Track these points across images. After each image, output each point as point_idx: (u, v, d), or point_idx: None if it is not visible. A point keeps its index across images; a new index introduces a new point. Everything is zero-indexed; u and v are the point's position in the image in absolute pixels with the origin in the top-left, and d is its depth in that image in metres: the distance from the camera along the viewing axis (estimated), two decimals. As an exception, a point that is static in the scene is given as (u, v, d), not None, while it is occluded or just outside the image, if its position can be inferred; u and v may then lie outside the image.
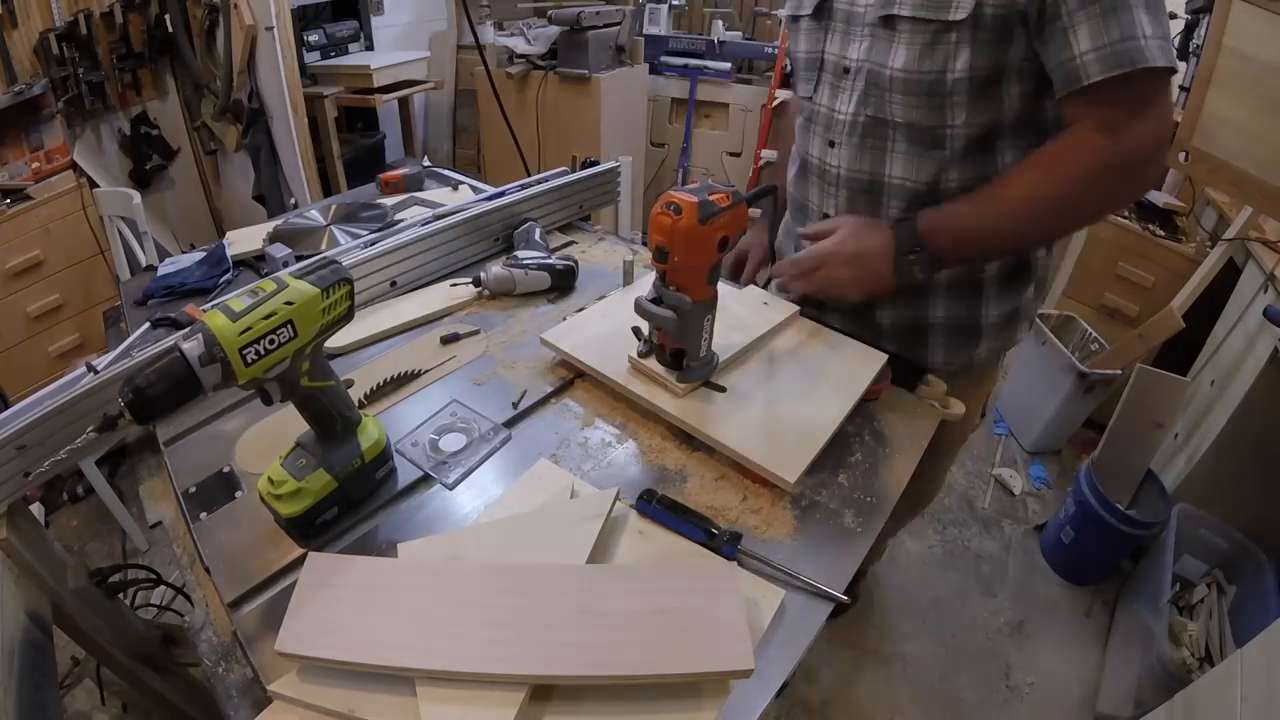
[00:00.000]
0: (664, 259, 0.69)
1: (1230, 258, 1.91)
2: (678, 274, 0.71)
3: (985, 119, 0.82)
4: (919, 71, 0.80)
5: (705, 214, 0.67)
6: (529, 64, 2.99)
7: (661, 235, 0.68)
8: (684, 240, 0.67)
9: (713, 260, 0.71)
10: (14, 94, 2.18)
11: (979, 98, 0.80)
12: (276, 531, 0.67)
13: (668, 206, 0.67)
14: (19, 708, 0.67)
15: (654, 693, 0.52)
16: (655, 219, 0.68)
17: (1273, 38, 1.47)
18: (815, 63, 0.93)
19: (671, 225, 0.67)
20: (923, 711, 1.57)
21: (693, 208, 0.66)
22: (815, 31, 0.92)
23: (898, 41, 0.80)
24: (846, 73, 0.89)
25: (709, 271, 0.72)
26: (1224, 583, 1.61)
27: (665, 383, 0.79)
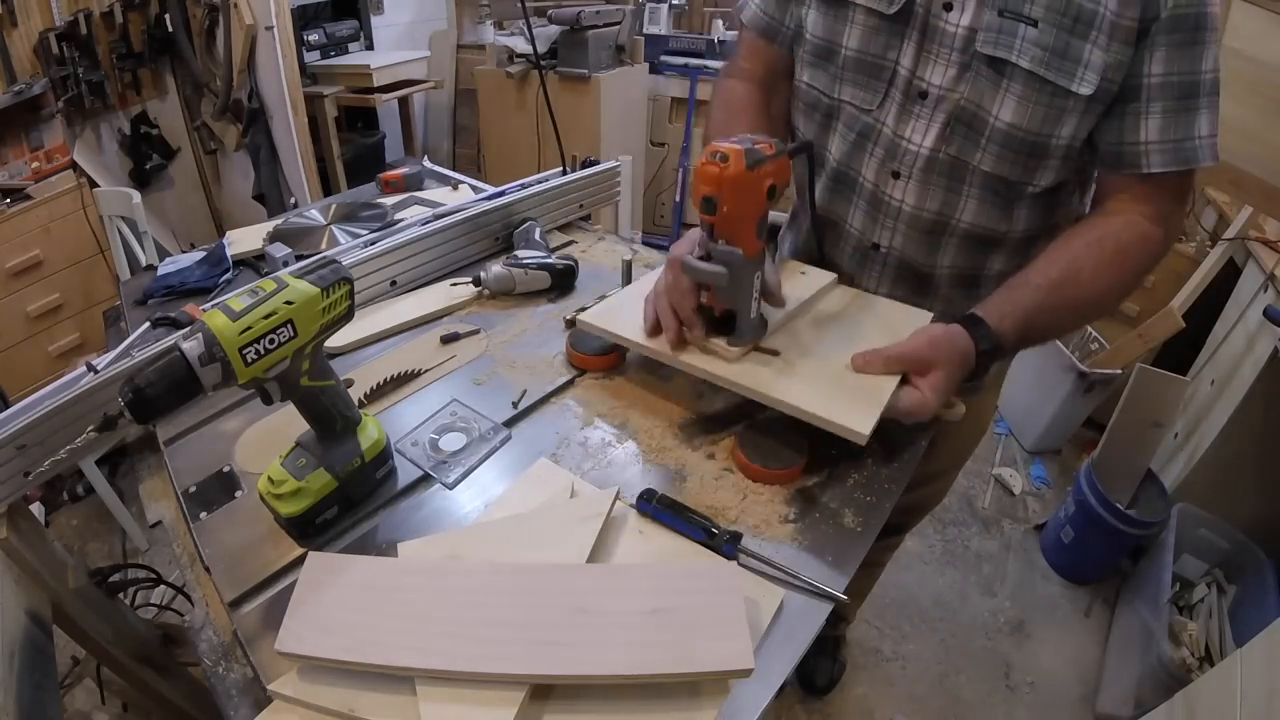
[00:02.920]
0: (712, 210, 0.67)
1: (1230, 257, 1.91)
2: (727, 225, 0.69)
3: (1066, 176, 0.79)
4: (1025, 130, 0.74)
5: (752, 160, 0.65)
6: (529, 63, 2.99)
7: (709, 184, 0.66)
8: (732, 188, 0.65)
9: (762, 210, 0.69)
10: (14, 94, 2.18)
11: (1070, 160, 0.77)
12: (276, 531, 0.67)
13: (713, 156, 0.65)
14: (19, 707, 0.67)
15: (654, 692, 0.52)
16: (701, 169, 0.66)
17: (1273, 38, 1.47)
18: (879, 71, 0.80)
19: (719, 173, 0.65)
20: (923, 711, 1.57)
21: (739, 155, 0.65)
22: (880, 33, 0.79)
23: (1006, 91, 0.73)
24: (923, 97, 0.78)
25: (758, 223, 0.70)
26: (1224, 582, 1.61)
27: (716, 349, 0.76)
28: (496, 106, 3.20)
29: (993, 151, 0.77)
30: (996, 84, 0.73)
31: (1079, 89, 0.70)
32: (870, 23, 0.79)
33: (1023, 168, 0.77)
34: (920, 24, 0.76)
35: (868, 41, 0.80)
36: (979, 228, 0.83)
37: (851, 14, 0.80)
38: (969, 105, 0.76)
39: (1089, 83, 0.70)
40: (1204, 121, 0.70)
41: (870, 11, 0.78)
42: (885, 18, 0.77)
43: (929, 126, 0.79)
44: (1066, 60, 0.70)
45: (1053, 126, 0.73)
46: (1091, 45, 0.69)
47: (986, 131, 0.76)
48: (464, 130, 3.70)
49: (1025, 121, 0.73)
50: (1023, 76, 0.72)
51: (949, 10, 0.74)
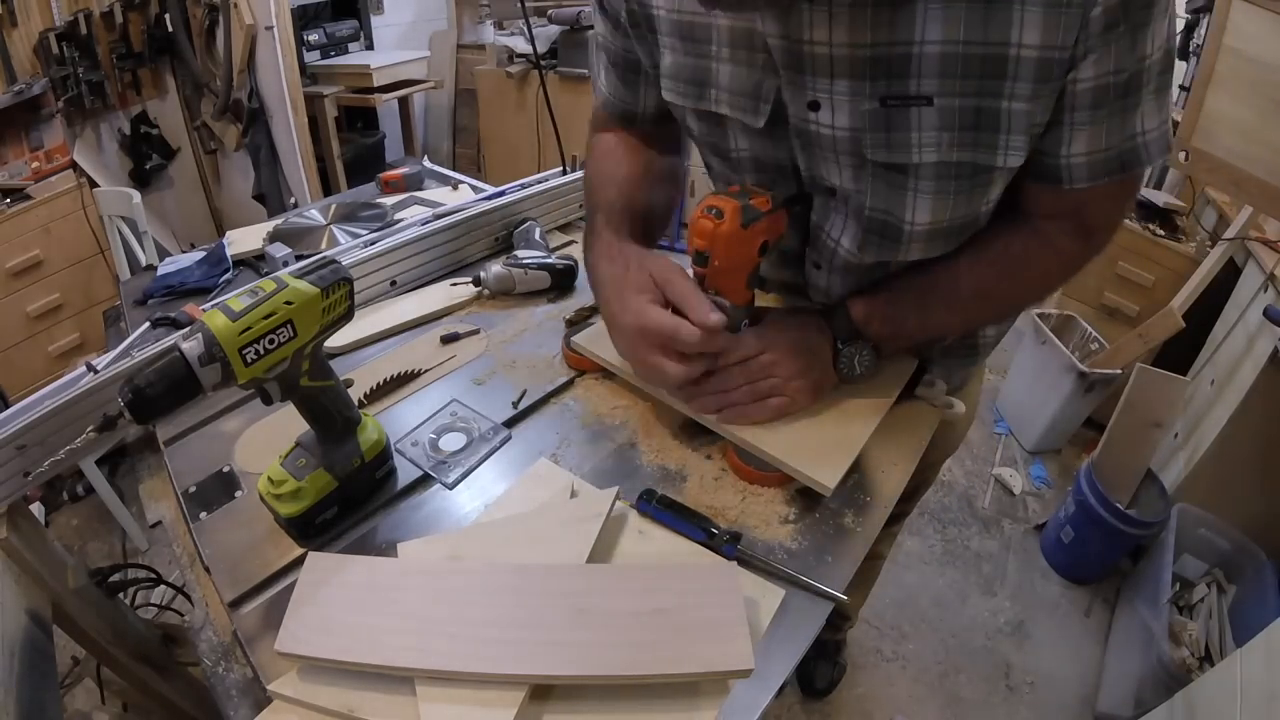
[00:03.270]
0: (704, 263, 0.68)
1: (1230, 257, 1.91)
2: (718, 278, 0.70)
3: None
4: (950, 220, 0.64)
5: (747, 218, 0.66)
6: (529, 63, 2.99)
7: (703, 239, 0.67)
8: (725, 244, 0.67)
9: (753, 265, 0.71)
10: (14, 93, 2.18)
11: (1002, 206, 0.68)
12: (276, 531, 0.67)
13: (709, 211, 0.66)
14: (19, 707, 0.67)
15: (654, 692, 0.52)
16: (696, 223, 0.67)
17: (1273, 38, 1.47)
18: (782, 170, 0.72)
19: (713, 230, 0.66)
20: (923, 711, 1.57)
21: (735, 212, 0.65)
22: (767, 139, 0.69)
23: (916, 190, 0.62)
24: (832, 194, 0.70)
25: (748, 276, 0.72)
26: (1224, 582, 1.61)
27: None
28: (496, 106, 3.21)
29: (917, 249, 0.68)
30: (903, 187, 0.62)
31: (1005, 161, 0.58)
32: (750, 132, 0.70)
33: (955, 241, 0.69)
34: (798, 132, 0.65)
35: (756, 147, 0.71)
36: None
37: (728, 124, 0.71)
38: (876, 214, 0.66)
39: (1016, 149, 0.57)
40: (1148, 111, 0.57)
41: (744, 126, 0.69)
42: (760, 132, 0.68)
43: (845, 224, 0.71)
44: (981, 132, 0.57)
45: (979, 203, 0.63)
46: (1009, 101, 0.55)
47: (904, 237, 0.66)
48: (464, 130, 3.70)
49: (948, 215, 0.63)
50: (931, 171, 0.59)
51: (815, 110, 0.62)
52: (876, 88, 0.57)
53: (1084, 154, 0.58)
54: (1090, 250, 0.69)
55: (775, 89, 0.64)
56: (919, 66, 0.55)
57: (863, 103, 0.58)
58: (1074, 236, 0.67)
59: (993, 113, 0.56)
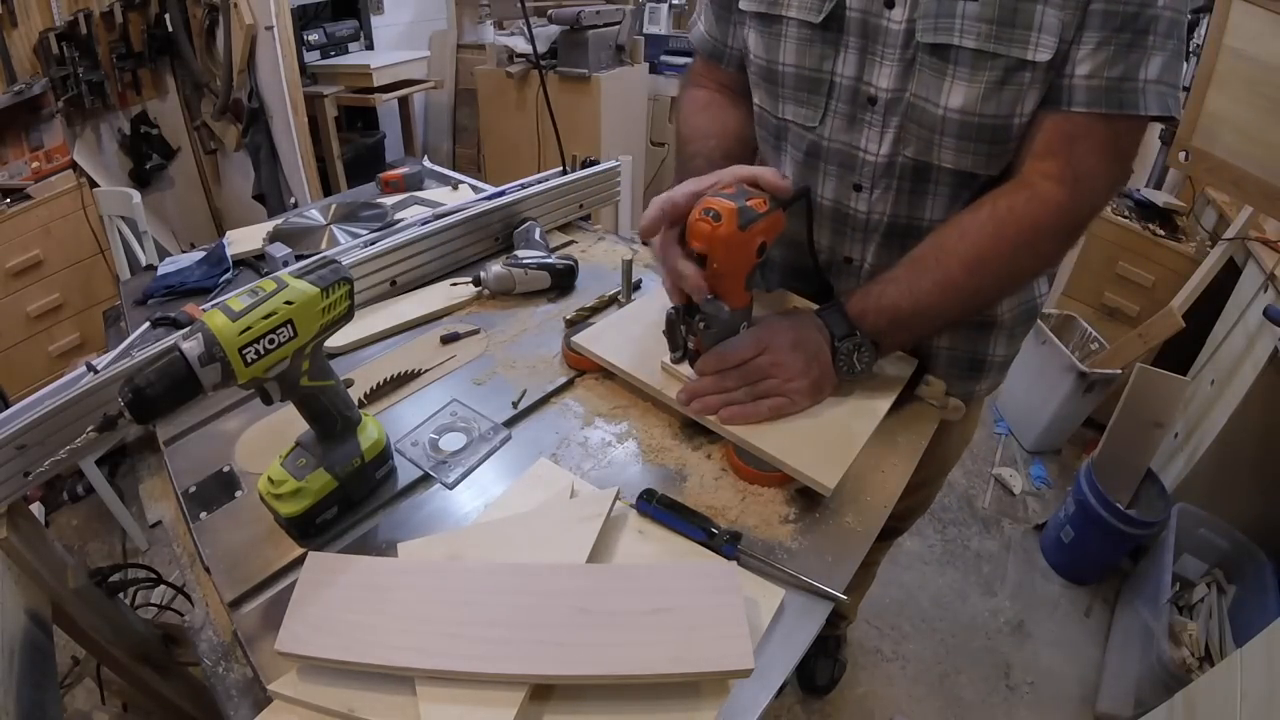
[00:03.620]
0: (702, 265, 0.68)
1: (1230, 257, 1.91)
2: (715, 280, 0.70)
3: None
4: (980, 114, 0.68)
5: (745, 220, 0.66)
6: (529, 63, 2.99)
7: (700, 241, 0.67)
8: (723, 247, 0.66)
9: (750, 266, 0.71)
10: (14, 93, 2.18)
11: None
12: (276, 531, 0.67)
13: (706, 213, 0.66)
14: (19, 707, 0.67)
15: (653, 692, 0.52)
16: (693, 225, 0.67)
17: (1273, 38, 1.47)
18: (818, 85, 0.77)
19: (710, 232, 0.65)
20: (923, 711, 1.57)
21: (732, 214, 0.65)
22: (814, 44, 0.75)
23: (953, 77, 0.67)
24: (872, 103, 0.74)
25: (746, 278, 0.72)
26: (1224, 582, 1.61)
27: None
28: (496, 106, 3.20)
29: (950, 145, 0.72)
30: (941, 72, 0.68)
31: (1035, 55, 0.64)
32: (803, 34, 0.75)
33: (986, 157, 0.71)
34: (859, 27, 0.72)
35: (803, 55, 0.77)
36: None
37: (784, 28, 0.77)
38: (917, 101, 0.71)
39: (1045, 47, 0.63)
40: (1154, 64, 0.62)
41: (801, 23, 0.75)
42: (816, 27, 0.74)
43: (883, 133, 0.75)
44: (1016, 28, 0.63)
45: (1011, 105, 0.67)
46: (1043, 4, 0.62)
47: (938, 125, 0.71)
48: (464, 130, 3.70)
49: (979, 105, 0.68)
50: (969, 57, 0.66)
51: (891, 8, 0.69)
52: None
53: (1085, 76, 0.64)
54: (1076, 201, 0.69)
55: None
56: None
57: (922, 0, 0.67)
58: (1059, 183, 0.68)
59: (1028, 12, 0.63)
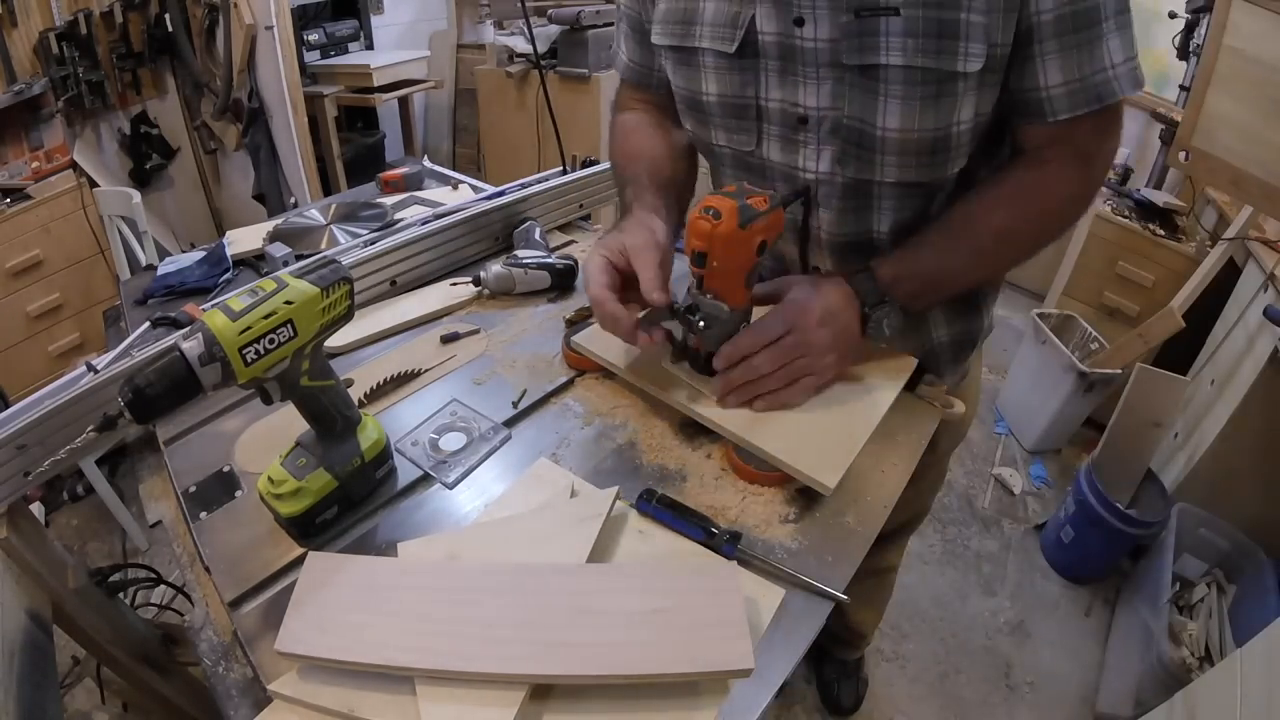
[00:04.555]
0: (702, 264, 0.68)
1: (1230, 257, 1.91)
2: (715, 279, 0.70)
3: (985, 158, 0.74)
4: (920, 129, 0.68)
5: (745, 218, 0.65)
6: (529, 63, 2.99)
7: (700, 240, 0.66)
8: (723, 245, 0.66)
9: (751, 265, 0.70)
10: (14, 93, 2.18)
11: (983, 140, 0.72)
12: (276, 531, 0.67)
13: (706, 211, 0.66)
14: (19, 707, 0.67)
15: (654, 692, 0.52)
16: (693, 223, 0.66)
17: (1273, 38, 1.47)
18: (745, 110, 0.76)
19: (711, 230, 0.65)
20: (923, 711, 1.57)
21: (732, 212, 0.65)
22: (734, 72, 0.74)
23: (885, 95, 0.67)
24: (804, 123, 0.74)
25: (746, 276, 0.71)
26: (1224, 582, 1.61)
27: (699, 388, 0.77)
28: (496, 106, 3.21)
29: (891, 163, 0.71)
30: (875, 92, 0.67)
31: (965, 66, 0.63)
32: (720, 64, 0.75)
33: (929, 167, 0.72)
34: (775, 49, 0.71)
35: (725, 83, 0.76)
36: (902, 227, 0.79)
37: (701, 59, 0.76)
38: (853, 122, 0.70)
39: (975, 56, 0.63)
40: (1114, 47, 0.63)
41: (717, 54, 0.74)
42: (732, 56, 0.73)
43: (819, 151, 0.75)
44: (943, 39, 0.63)
45: (949, 115, 0.67)
46: (967, 13, 0.62)
47: (877, 145, 0.70)
48: (464, 130, 3.70)
49: (916, 121, 0.67)
50: (899, 75, 0.65)
51: (800, 26, 0.68)
52: (852, 1, 0.65)
53: (1060, 84, 0.65)
54: (1091, 179, 0.72)
55: (749, 18, 0.71)
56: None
57: (840, 15, 0.66)
58: (1074, 163, 0.70)
59: (953, 22, 0.62)
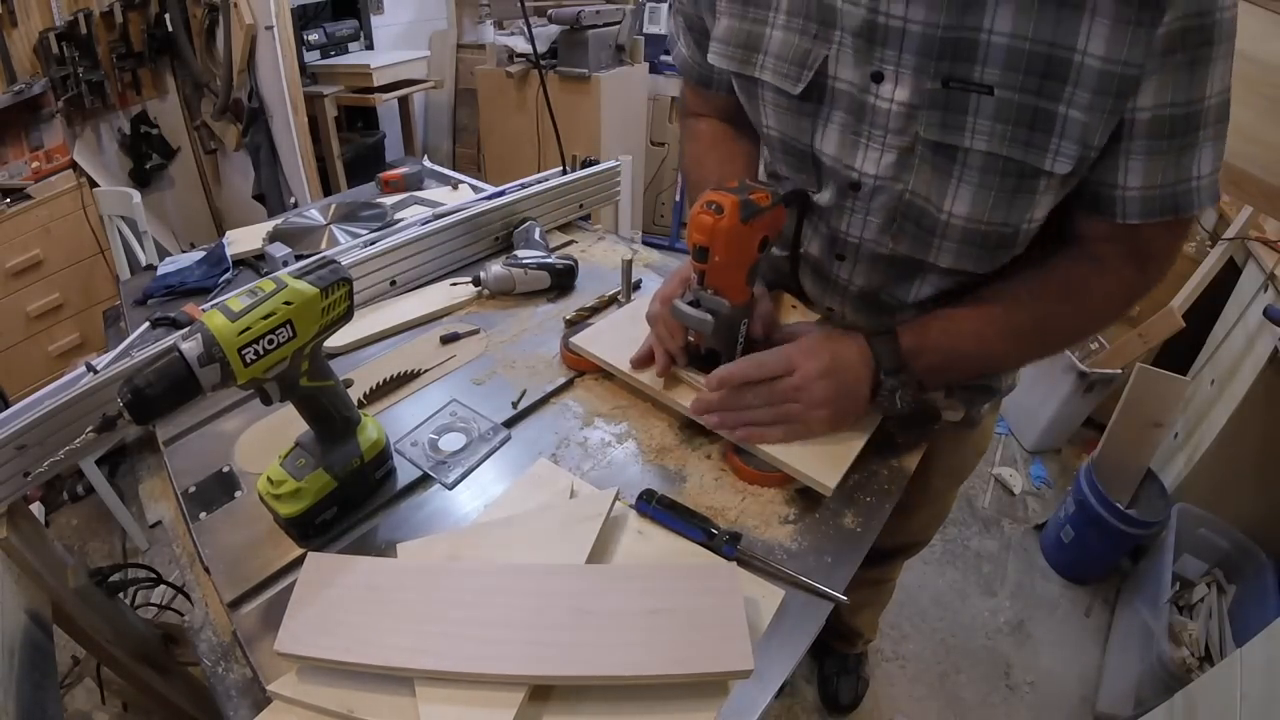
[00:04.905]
0: (704, 258, 0.67)
1: (1230, 257, 1.91)
2: (717, 274, 0.69)
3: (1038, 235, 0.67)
4: (989, 222, 0.62)
5: (747, 213, 0.65)
6: (529, 63, 2.99)
7: (702, 234, 0.65)
8: (725, 239, 0.66)
9: (753, 260, 0.70)
10: (14, 93, 2.18)
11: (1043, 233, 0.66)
12: (276, 531, 0.67)
13: (708, 205, 0.64)
14: (19, 707, 0.67)
15: (653, 693, 0.52)
16: (695, 218, 0.65)
17: (1273, 38, 1.47)
18: (804, 157, 0.71)
19: (713, 224, 0.64)
20: (923, 711, 1.57)
21: (734, 206, 0.64)
22: (794, 115, 0.69)
23: (959, 179, 0.60)
24: (855, 189, 0.68)
25: (748, 272, 0.71)
26: (1224, 582, 1.61)
27: (699, 389, 0.77)
28: (496, 106, 3.20)
29: (950, 250, 0.66)
30: (947, 173, 0.61)
31: (1052, 166, 0.57)
32: (780, 102, 0.69)
33: (989, 259, 0.67)
34: (845, 102, 0.64)
35: (784, 123, 0.71)
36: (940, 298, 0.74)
37: (761, 90, 0.71)
38: (916, 200, 0.64)
39: (1066, 157, 0.56)
40: (1205, 158, 0.57)
41: (778, 91, 0.68)
42: (794, 98, 0.67)
43: (865, 221, 0.70)
44: (1035, 132, 0.56)
45: (1023, 213, 0.61)
46: (1067, 106, 0.55)
47: (939, 229, 0.65)
48: (464, 130, 3.70)
49: (987, 214, 0.61)
50: (979, 160, 0.59)
51: (878, 82, 0.61)
52: (941, 68, 0.57)
53: (1139, 188, 0.58)
54: (1147, 280, 0.66)
55: (821, 59, 0.64)
56: (985, 54, 0.55)
57: (926, 81, 0.58)
58: (1131, 263, 0.65)
59: (1049, 114, 0.55)
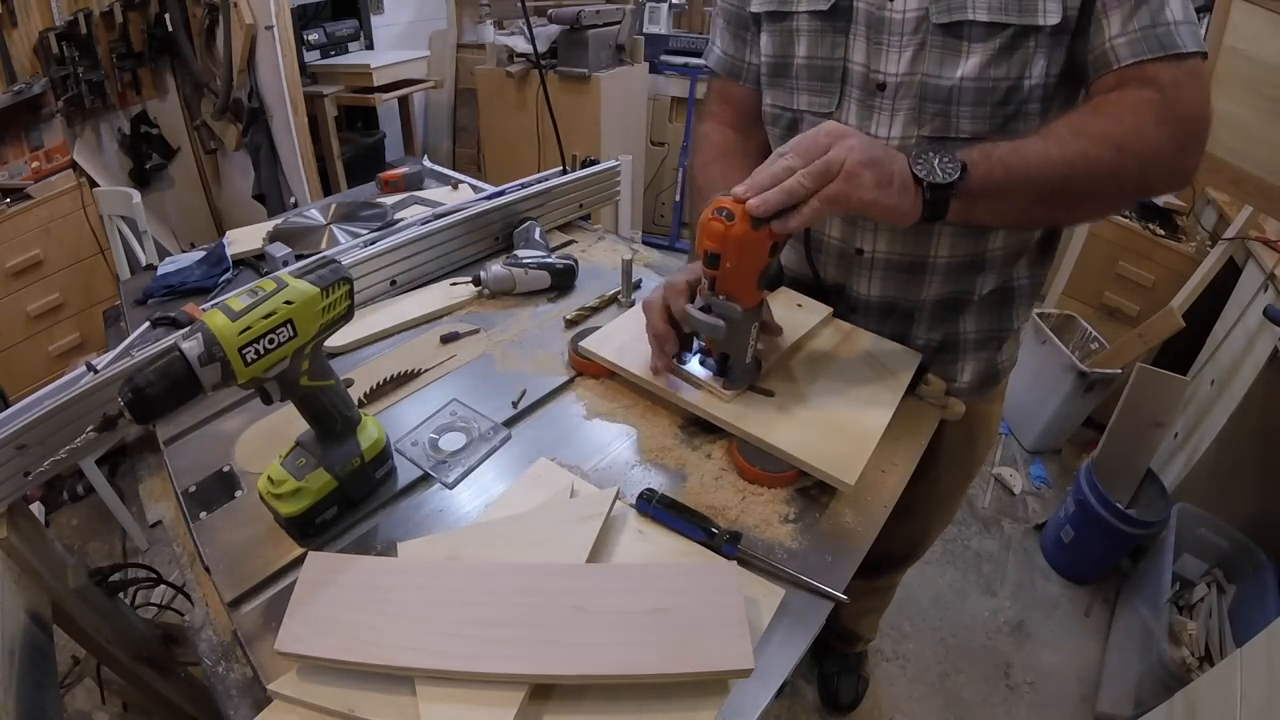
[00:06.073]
0: (716, 265, 0.67)
1: (1230, 257, 1.91)
2: (728, 280, 0.69)
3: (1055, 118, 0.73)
4: (993, 79, 0.72)
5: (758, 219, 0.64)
6: (529, 63, 2.99)
7: (714, 241, 0.65)
8: (737, 246, 0.66)
9: (763, 265, 0.70)
10: (14, 93, 2.18)
11: (1054, 101, 0.73)
12: (276, 531, 0.67)
13: (719, 212, 0.64)
14: (19, 707, 0.67)
15: (653, 692, 0.52)
16: (707, 225, 0.65)
17: (1273, 38, 1.47)
18: (831, 73, 0.80)
19: (724, 231, 0.64)
20: (923, 711, 1.57)
21: (745, 213, 0.64)
22: (826, 34, 0.79)
23: (968, 52, 0.72)
24: (881, 89, 0.77)
25: (759, 277, 0.71)
26: (1224, 582, 1.61)
27: (710, 389, 0.78)
28: (496, 106, 3.20)
29: (965, 115, 0.74)
30: (957, 49, 0.72)
31: (1044, 20, 0.68)
32: (814, 25, 0.79)
33: (1001, 120, 0.74)
34: (865, 17, 0.76)
35: (815, 46, 0.80)
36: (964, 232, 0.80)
37: (795, 23, 0.81)
38: (930, 80, 0.74)
39: (1053, 11, 0.68)
40: (1174, 6, 0.66)
41: (812, 14, 0.79)
42: (825, 15, 0.78)
43: (893, 117, 0.78)
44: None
45: (1020, 68, 0.71)
46: None
47: (953, 97, 0.74)
48: (464, 130, 3.70)
49: (992, 70, 0.71)
50: (982, 31, 0.70)
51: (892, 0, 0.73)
52: None
53: (1121, 34, 0.67)
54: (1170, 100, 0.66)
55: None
56: None
57: None
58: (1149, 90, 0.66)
59: None
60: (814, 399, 0.78)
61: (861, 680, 1.59)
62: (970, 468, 1.11)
